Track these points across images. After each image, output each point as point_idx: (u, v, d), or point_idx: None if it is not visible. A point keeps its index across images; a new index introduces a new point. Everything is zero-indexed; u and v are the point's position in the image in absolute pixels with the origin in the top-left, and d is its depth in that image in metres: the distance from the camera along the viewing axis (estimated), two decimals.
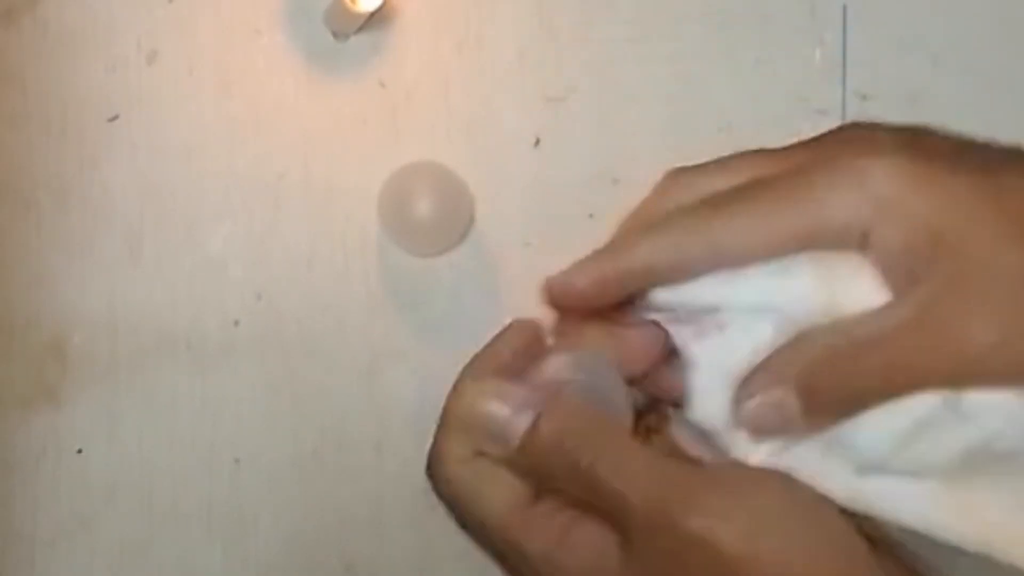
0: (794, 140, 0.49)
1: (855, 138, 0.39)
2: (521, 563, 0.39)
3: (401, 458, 0.49)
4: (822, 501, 0.38)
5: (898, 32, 0.49)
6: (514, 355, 0.42)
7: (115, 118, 0.48)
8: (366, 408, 0.49)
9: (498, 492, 0.39)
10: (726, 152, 0.49)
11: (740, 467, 0.39)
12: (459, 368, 0.48)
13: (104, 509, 0.48)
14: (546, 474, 0.39)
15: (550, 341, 0.43)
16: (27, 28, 0.48)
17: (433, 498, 0.48)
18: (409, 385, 0.49)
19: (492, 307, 0.49)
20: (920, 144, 0.38)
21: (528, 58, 0.49)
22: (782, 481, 0.38)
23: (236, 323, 0.48)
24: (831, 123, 0.49)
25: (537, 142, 0.49)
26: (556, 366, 0.40)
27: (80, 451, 0.48)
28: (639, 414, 0.42)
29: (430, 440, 0.49)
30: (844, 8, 0.49)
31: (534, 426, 0.38)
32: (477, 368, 0.42)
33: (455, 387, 0.41)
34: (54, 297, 0.48)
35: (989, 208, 0.36)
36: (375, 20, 0.48)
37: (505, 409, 0.39)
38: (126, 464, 0.48)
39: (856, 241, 0.37)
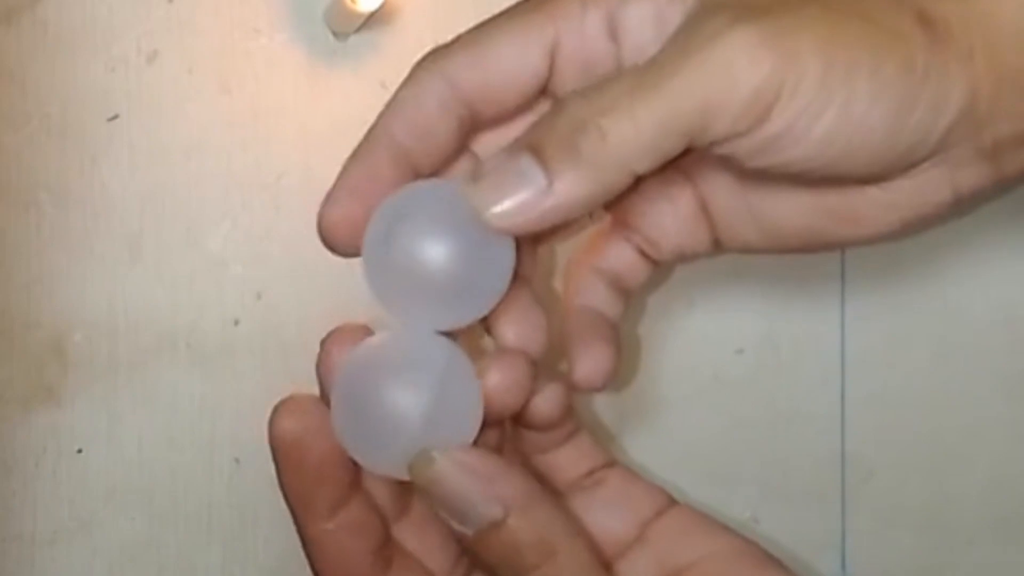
0: None
1: None
2: None
3: None
4: None
5: None
6: None
7: (115, 118, 0.48)
8: None
9: None
10: None
11: None
12: None
13: (104, 509, 0.48)
14: None
15: None
16: (27, 28, 0.48)
17: None
18: None
19: None
20: None
21: None
22: None
23: (236, 323, 0.48)
24: None
25: None
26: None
27: (80, 451, 0.48)
28: None
29: None
30: None
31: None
32: None
33: None
34: (54, 297, 0.48)
35: None
36: (375, 20, 0.48)
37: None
38: (126, 464, 0.48)
39: None
